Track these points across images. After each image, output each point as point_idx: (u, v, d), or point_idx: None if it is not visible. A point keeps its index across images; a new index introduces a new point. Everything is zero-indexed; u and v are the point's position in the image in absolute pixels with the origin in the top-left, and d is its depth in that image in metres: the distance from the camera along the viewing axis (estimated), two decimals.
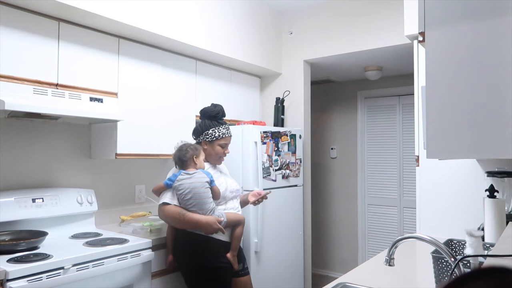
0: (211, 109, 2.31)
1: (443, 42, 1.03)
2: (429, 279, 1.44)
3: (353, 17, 3.21)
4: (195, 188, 2.06)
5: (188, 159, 2.14)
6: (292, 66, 3.55)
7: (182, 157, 2.14)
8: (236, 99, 3.34)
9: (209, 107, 2.33)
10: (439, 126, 1.02)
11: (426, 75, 1.06)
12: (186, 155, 2.14)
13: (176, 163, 2.19)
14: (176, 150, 2.19)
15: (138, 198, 2.87)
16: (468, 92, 0.99)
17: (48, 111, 2.01)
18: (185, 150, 2.15)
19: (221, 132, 2.26)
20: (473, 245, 1.22)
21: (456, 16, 1.01)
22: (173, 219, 2.08)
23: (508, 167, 2.01)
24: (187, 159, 2.14)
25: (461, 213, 2.22)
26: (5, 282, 1.59)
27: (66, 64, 2.17)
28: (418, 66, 2.37)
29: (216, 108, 2.31)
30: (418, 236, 1.25)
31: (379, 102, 4.43)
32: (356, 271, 1.70)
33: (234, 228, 2.19)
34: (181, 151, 2.16)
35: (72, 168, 2.50)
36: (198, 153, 2.17)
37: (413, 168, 4.01)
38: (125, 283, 2.03)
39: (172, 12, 2.57)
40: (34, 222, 2.16)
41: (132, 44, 2.51)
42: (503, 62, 0.94)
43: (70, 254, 1.83)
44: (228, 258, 2.14)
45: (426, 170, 2.36)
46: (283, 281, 3.03)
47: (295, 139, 3.22)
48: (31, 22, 2.04)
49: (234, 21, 3.08)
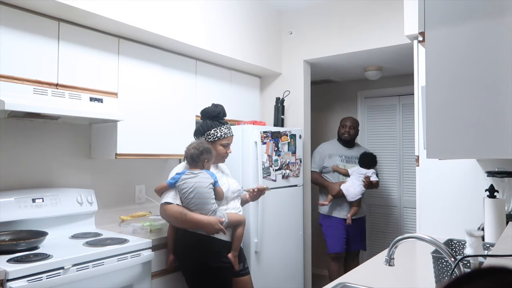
0: (212, 109, 2.31)
1: (443, 42, 1.03)
2: (429, 279, 1.44)
3: (353, 17, 3.21)
4: (199, 187, 2.06)
5: (200, 161, 2.14)
6: (292, 66, 3.55)
7: (196, 157, 2.13)
8: (236, 99, 3.34)
9: (210, 108, 2.33)
10: (439, 126, 1.02)
11: (426, 75, 1.06)
12: (200, 157, 2.13)
13: (186, 159, 2.18)
14: (192, 147, 2.15)
15: (138, 198, 2.87)
16: (468, 92, 0.99)
17: (48, 111, 2.01)
18: (200, 151, 2.13)
19: (223, 132, 2.26)
20: (473, 245, 1.22)
21: (456, 16, 1.01)
22: (175, 218, 2.08)
23: (508, 167, 2.00)
24: (199, 160, 2.13)
25: (461, 213, 2.22)
26: (5, 282, 1.59)
27: (66, 64, 2.17)
28: (418, 66, 2.37)
29: (217, 108, 2.31)
30: (418, 236, 1.25)
31: (379, 102, 4.42)
32: (356, 271, 1.70)
33: (235, 228, 2.19)
34: (197, 150, 2.13)
35: (72, 168, 2.50)
36: (211, 158, 2.17)
37: (413, 168, 4.00)
38: (125, 283, 2.03)
39: (172, 12, 2.57)
40: (34, 222, 2.16)
41: (132, 44, 2.51)
42: (503, 62, 0.94)
43: (70, 254, 1.83)
44: (229, 258, 2.14)
45: (426, 170, 2.35)
46: (283, 281, 3.03)
47: (295, 139, 3.22)
48: (31, 22, 2.04)
49: (234, 21, 3.08)
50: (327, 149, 3.53)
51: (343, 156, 3.48)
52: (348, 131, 3.53)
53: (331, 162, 3.45)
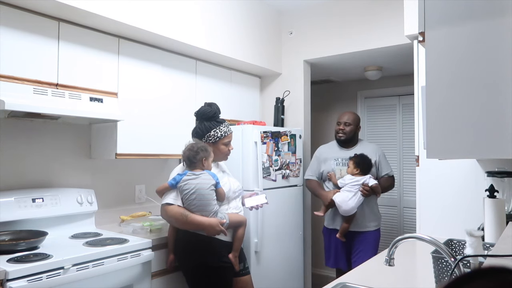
0: (207, 110, 2.27)
1: (443, 42, 1.03)
2: (429, 279, 1.44)
3: (353, 17, 3.21)
4: (200, 189, 2.05)
5: (198, 161, 2.12)
6: (292, 66, 3.55)
7: (192, 158, 2.12)
8: (236, 99, 3.34)
9: (205, 108, 2.29)
10: (439, 126, 1.02)
11: (426, 75, 1.06)
12: (196, 157, 2.11)
13: (184, 162, 2.18)
14: (187, 149, 2.14)
15: (138, 198, 2.87)
16: (468, 92, 0.99)
17: (48, 111, 2.01)
18: (195, 151, 2.12)
19: (223, 131, 2.25)
20: (473, 245, 1.22)
21: (456, 16, 1.01)
22: (175, 219, 2.07)
23: (508, 167, 2.00)
24: (196, 160, 2.12)
25: (461, 213, 2.22)
26: (5, 282, 1.59)
27: (66, 64, 2.17)
28: (418, 66, 2.37)
29: (212, 108, 2.28)
30: (418, 236, 1.25)
31: (379, 102, 4.42)
32: (356, 271, 1.70)
33: (236, 229, 2.18)
34: (192, 151, 2.12)
35: (72, 168, 2.50)
36: (208, 155, 2.15)
37: (413, 168, 4.00)
38: (125, 283, 2.03)
39: (172, 12, 2.57)
40: (34, 222, 2.16)
41: (132, 44, 2.51)
42: (503, 62, 0.94)
43: (70, 254, 1.83)
44: (230, 258, 2.14)
45: (426, 170, 2.35)
46: (283, 281, 3.03)
47: (295, 139, 3.22)
48: (31, 22, 2.04)
49: (234, 21, 3.08)
50: (324, 152, 3.05)
51: (339, 159, 2.92)
52: (343, 128, 2.94)
53: (326, 167, 2.96)
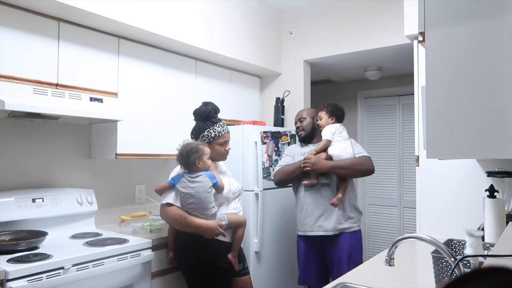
0: (202, 109, 2.24)
1: (443, 42, 1.03)
2: (429, 279, 1.44)
3: (353, 17, 3.21)
4: (198, 193, 2.03)
5: (191, 164, 2.09)
6: (292, 66, 3.55)
7: (184, 162, 2.10)
8: (236, 99, 3.34)
9: (201, 108, 2.26)
10: (439, 126, 1.02)
11: (426, 75, 1.06)
12: (188, 160, 2.08)
13: (181, 166, 2.16)
14: (178, 153, 2.11)
15: (138, 198, 2.87)
16: (468, 92, 0.99)
17: (48, 111, 2.01)
18: (186, 155, 2.08)
19: (217, 131, 2.21)
20: (473, 245, 1.22)
21: (456, 16, 1.01)
22: (174, 221, 2.07)
23: (508, 167, 2.00)
24: (189, 164, 2.09)
25: (461, 213, 2.22)
26: (5, 282, 1.59)
27: (66, 64, 2.17)
28: (418, 66, 2.37)
29: (208, 107, 2.24)
30: (418, 236, 1.25)
31: (379, 102, 4.43)
32: (356, 271, 1.70)
33: (236, 229, 2.18)
34: (182, 155, 2.09)
35: (72, 168, 2.50)
36: (201, 155, 2.09)
37: (413, 168, 4.00)
38: (125, 283, 2.03)
39: (172, 12, 2.57)
40: (34, 222, 2.16)
41: (132, 44, 2.51)
42: (503, 62, 0.94)
43: (70, 254, 1.83)
44: (229, 258, 2.13)
45: (426, 170, 2.35)
46: (283, 281, 3.03)
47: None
48: (31, 22, 2.04)
49: (234, 21, 3.08)
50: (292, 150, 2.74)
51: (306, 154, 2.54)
52: (299, 126, 2.69)
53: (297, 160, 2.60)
